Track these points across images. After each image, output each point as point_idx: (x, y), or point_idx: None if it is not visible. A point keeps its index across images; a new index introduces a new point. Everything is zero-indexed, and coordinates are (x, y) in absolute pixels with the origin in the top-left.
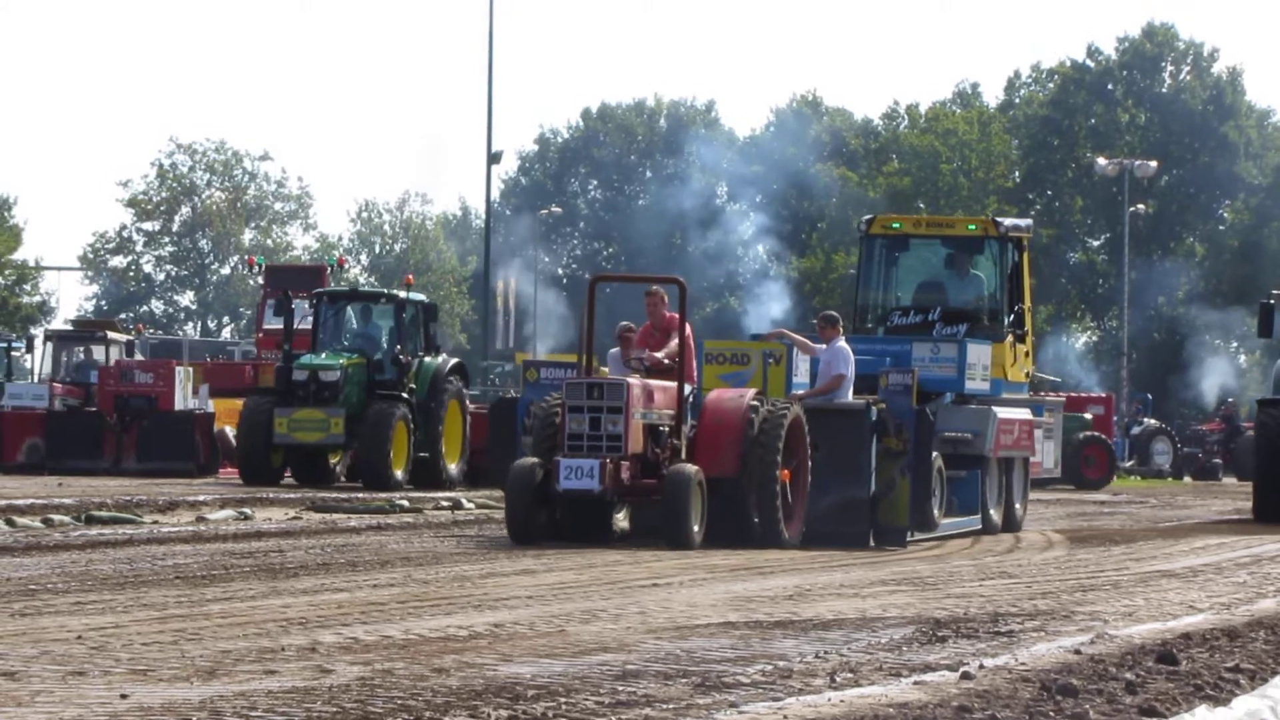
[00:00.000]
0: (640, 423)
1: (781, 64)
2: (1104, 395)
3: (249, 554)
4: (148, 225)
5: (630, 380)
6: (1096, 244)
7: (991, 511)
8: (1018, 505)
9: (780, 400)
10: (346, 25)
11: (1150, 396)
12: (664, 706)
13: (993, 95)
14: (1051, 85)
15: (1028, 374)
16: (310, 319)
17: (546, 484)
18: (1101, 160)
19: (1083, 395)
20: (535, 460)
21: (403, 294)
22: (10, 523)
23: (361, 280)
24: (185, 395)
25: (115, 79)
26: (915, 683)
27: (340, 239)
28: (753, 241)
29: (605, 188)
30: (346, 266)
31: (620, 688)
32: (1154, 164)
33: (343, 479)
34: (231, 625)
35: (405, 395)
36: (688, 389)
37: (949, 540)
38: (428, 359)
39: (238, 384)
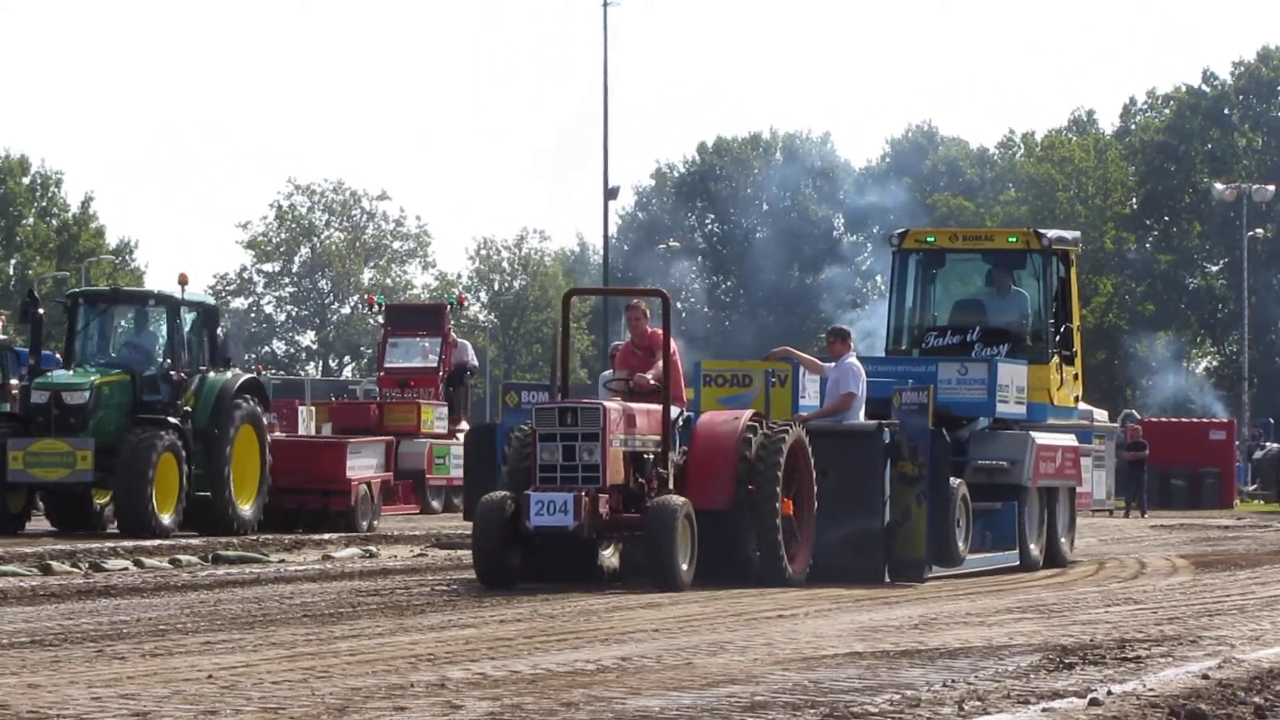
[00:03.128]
0: (620, 450)
1: (897, 95)
2: (1226, 420)
3: (375, 591)
4: (268, 266)
5: (607, 404)
6: (1215, 269)
7: (1031, 546)
8: (1062, 539)
9: (780, 421)
10: (462, 65)
11: (1272, 421)
12: None
13: (1108, 122)
14: (1167, 111)
15: (1077, 398)
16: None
17: (518, 520)
18: (1219, 185)
19: (1206, 421)
20: (505, 494)
21: (177, 294)
22: (139, 564)
23: (482, 319)
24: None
25: (234, 122)
26: (1043, 710)
27: (459, 277)
28: (870, 273)
29: (722, 221)
30: (466, 304)
31: (749, 719)
32: (1271, 188)
33: (114, 522)
34: (360, 663)
35: (176, 420)
36: (675, 411)
37: (1064, 571)
38: (212, 375)
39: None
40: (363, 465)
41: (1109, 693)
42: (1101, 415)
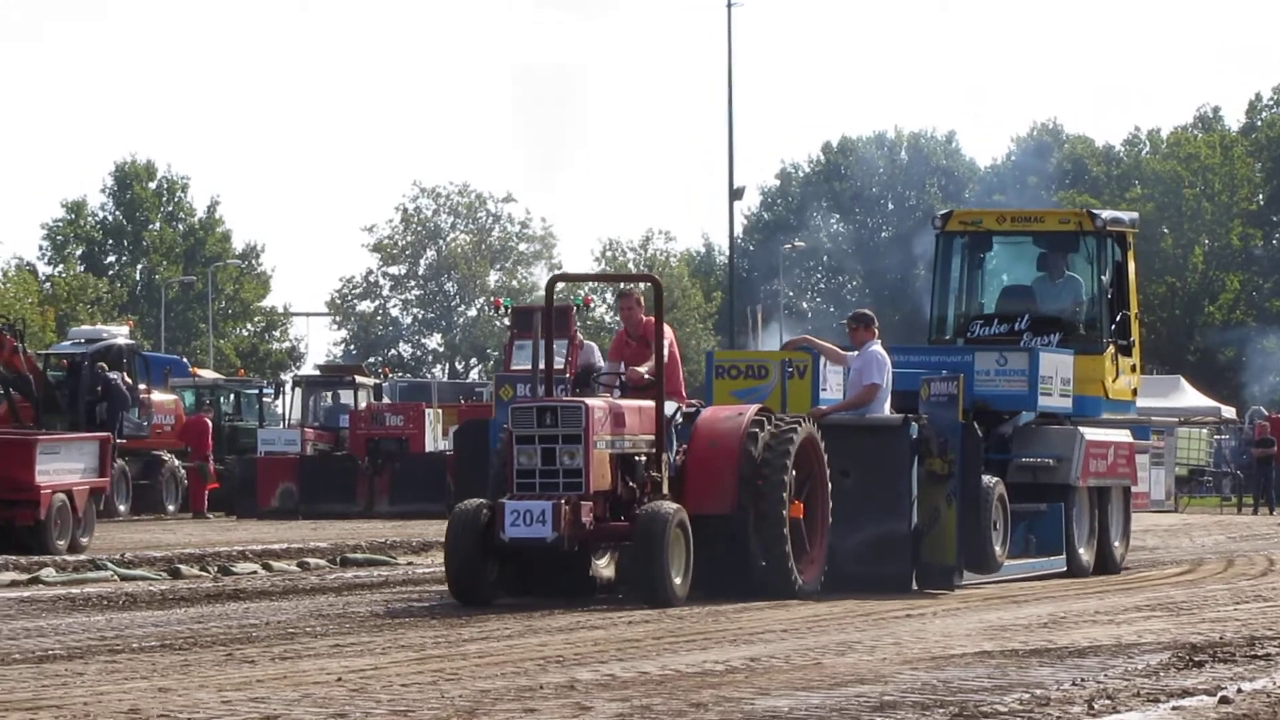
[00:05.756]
0: (606, 453)
1: (1021, 92)
2: None
3: None
4: (393, 269)
5: (590, 401)
6: None
7: (1080, 551)
8: (1116, 543)
9: (789, 416)
10: (587, 66)
11: None
12: None
13: (1234, 119)
14: None
15: (1134, 390)
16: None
17: (494, 530)
18: None
19: None
20: (481, 502)
21: None
22: (267, 567)
23: (608, 320)
24: (435, 437)
25: (359, 125)
26: (1173, 708)
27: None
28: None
29: (847, 221)
30: (592, 305)
31: (878, 718)
32: None
33: None
34: (489, 664)
35: None
36: (671, 407)
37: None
38: None
39: None
40: (62, 469)
41: (1239, 691)
42: (1229, 412)
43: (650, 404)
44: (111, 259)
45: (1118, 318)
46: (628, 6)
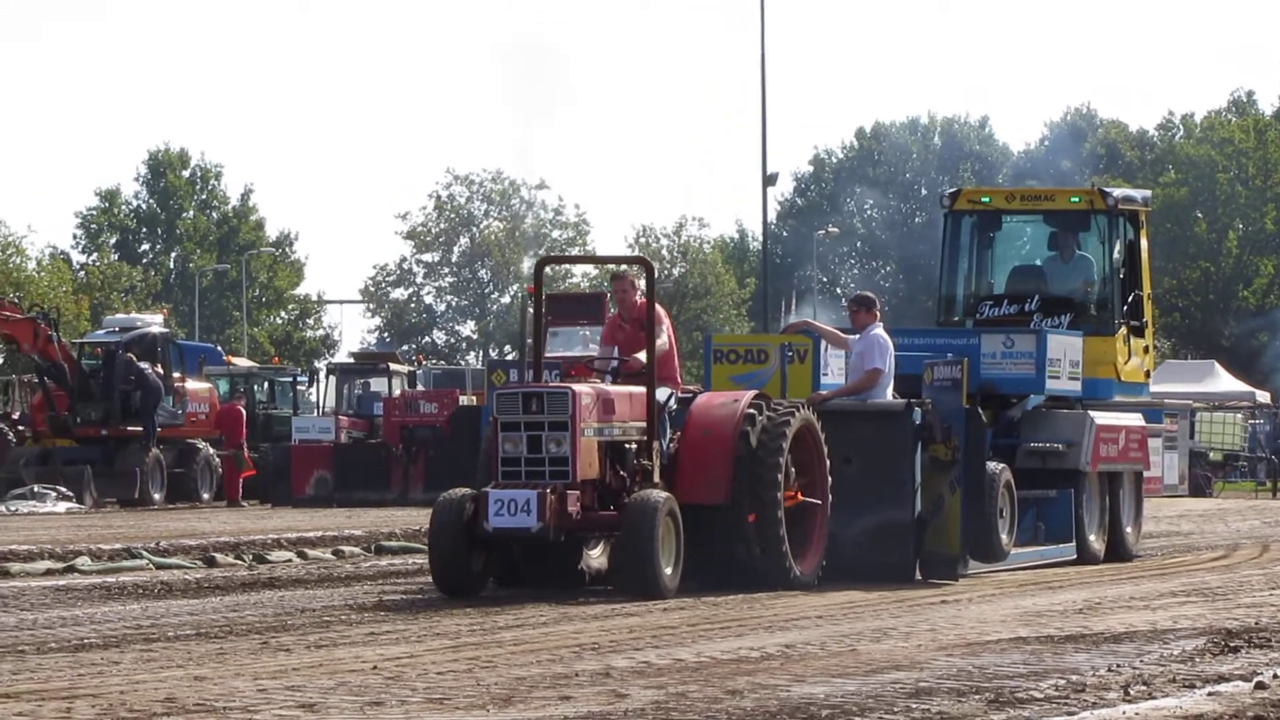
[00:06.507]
0: (595, 440)
1: (1055, 77)
2: None
3: None
4: (427, 256)
5: (577, 387)
6: None
7: (1091, 538)
8: (1128, 529)
9: (786, 402)
10: (619, 52)
11: None
12: None
13: (1268, 102)
14: None
15: (1147, 373)
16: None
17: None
18: None
19: None
20: (467, 491)
21: None
22: (302, 555)
23: None
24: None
25: (392, 112)
26: (1209, 694)
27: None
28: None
29: (881, 207)
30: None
31: (914, 705)
32: None
33: None
34: (525, 652)
35: None
36: (665, 393)
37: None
38: None
39: None
40: None
41: (1275, 676)
42: (1263, 397)
43: (641, 389)
44: (145, 247)
45: (1130, 298)
46: None
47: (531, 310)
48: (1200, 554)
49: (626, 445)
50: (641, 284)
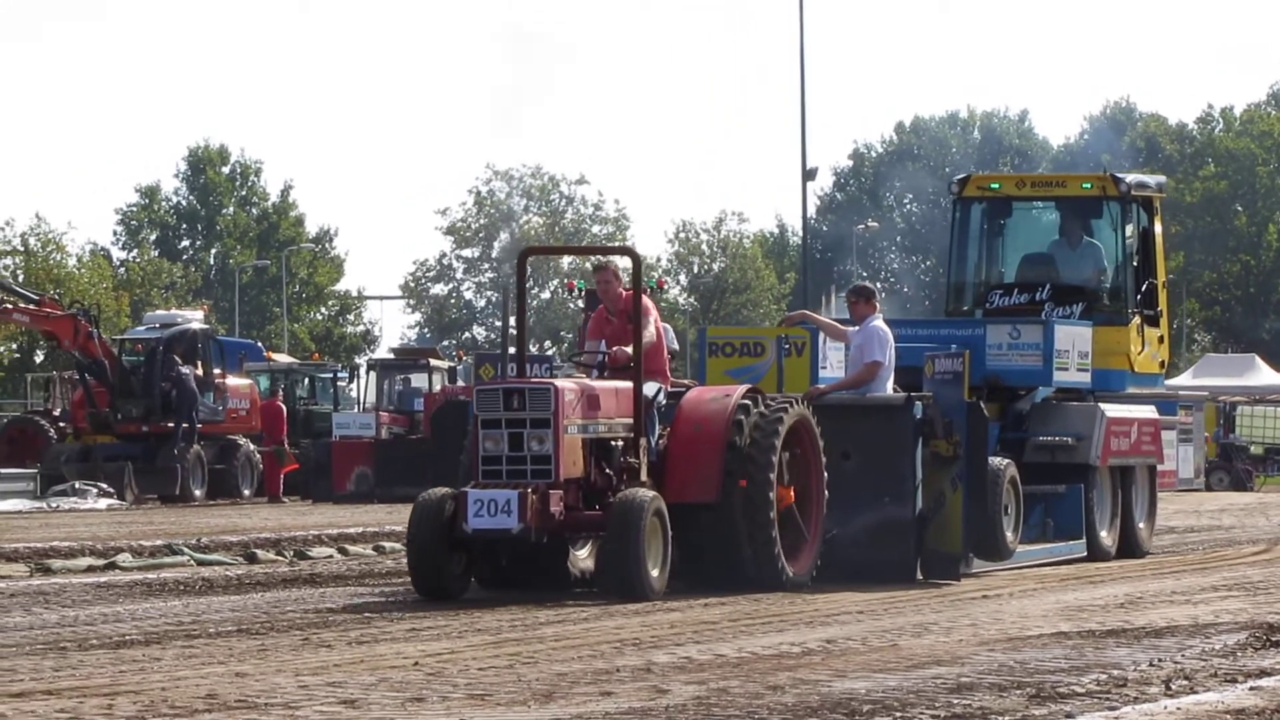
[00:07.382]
0: (579, 438)
1: (1094, 71)
2: None
3: None
4: (467, 252)
5: (559, 383)
6: None
7: (1102, 534)
8: (1140, 525)
9: (779, 397)
10: (659, 47)
11: None
12: (999, 718)
13: None
14: None
15: (1162, 363)
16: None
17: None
18: None
19: None
20: (447, 491)
21: None
22: (343, 551)
23: (681, 302)
24: None
25: (431, 109)
26: (1250, 688)
27: (658, 260)
28: None
29: (920, 201)
30: (666, 287)
31: (955, 700)
32: None
33: None
34: (566, 648)
35: None
36: (653, 388)
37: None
38: None
39: None
40: None
41: None
42: None
43: (628, 384)
44: (185, 244)
45: (1144, 286)
46: None
47: (583, 305)
48: (1241, 548)
49: (612, 442)
50: (626, 275)
